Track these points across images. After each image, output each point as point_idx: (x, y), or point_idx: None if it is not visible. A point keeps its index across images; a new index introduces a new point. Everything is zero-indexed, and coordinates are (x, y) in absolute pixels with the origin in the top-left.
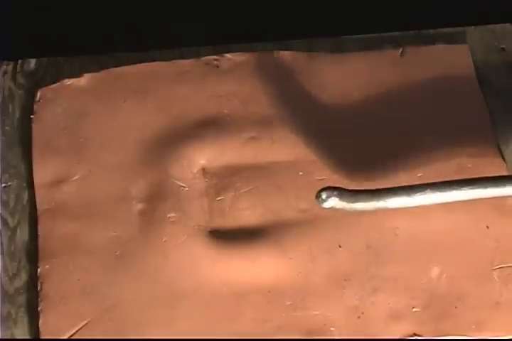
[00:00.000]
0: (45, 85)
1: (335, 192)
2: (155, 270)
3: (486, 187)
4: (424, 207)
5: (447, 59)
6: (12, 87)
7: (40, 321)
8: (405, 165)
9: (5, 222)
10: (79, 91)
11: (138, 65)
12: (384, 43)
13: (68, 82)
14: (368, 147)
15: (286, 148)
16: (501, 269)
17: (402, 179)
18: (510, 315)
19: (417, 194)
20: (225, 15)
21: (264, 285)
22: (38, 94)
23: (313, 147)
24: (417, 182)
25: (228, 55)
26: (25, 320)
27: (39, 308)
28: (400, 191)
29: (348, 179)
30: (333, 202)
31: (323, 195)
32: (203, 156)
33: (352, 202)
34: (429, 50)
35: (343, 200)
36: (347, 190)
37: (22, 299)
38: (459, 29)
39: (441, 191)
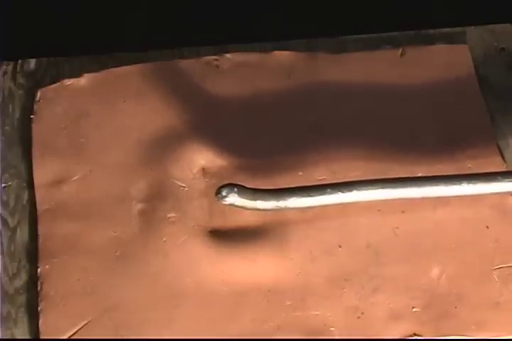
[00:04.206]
0: (45, 85)
1: (235, 189)
2: (155, 270)
3: (383, 187)
4: (424, 207)
5: (447, 59)
6: (12, 87)
7: (40, 321)
8: (405, 165)
9: (5, 222)
10: (79, 92)
11: (138, 65)
12: (384, 43)
13: (68, 82)
14: (367, 147)
15: (285, 148)
16: (501, 269)
17: None
18: (510, 315)
19: (317, 194)
20: (224, 15)
21: (264, 285)
22: (38, 94)
23: (314, 147)
24: None
25: (228, 55)
26: (25, 320)
27: (39, 308)
28: (300, 191)
29: (346, 178)
30: (232, 198)
31: (223, 192)
32: (202, 156)
33: (252, 200)
34: (429, 50)
35: (243, 197)
36: (247, 187)
37: (22, 299)
38: (459, 29)
39: (342, 191)
